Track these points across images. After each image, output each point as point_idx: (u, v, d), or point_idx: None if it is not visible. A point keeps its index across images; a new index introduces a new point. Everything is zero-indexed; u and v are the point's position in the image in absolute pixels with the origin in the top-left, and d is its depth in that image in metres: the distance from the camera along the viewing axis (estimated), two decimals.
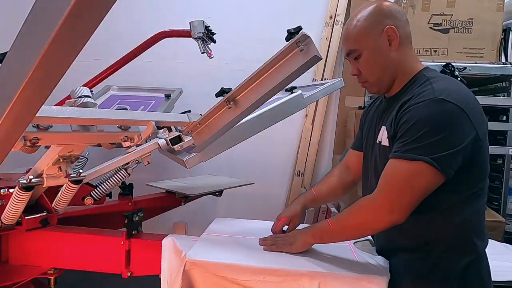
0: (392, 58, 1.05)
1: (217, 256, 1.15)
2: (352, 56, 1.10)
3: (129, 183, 2.02)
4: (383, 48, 1.04)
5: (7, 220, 1.37)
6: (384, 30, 1.03)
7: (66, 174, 1.38)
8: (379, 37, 1.04)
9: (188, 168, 1.50)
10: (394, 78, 1.08)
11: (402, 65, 1.07)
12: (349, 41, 1.08)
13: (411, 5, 2.26)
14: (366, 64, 1.08)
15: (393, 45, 1.04)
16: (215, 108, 1.26)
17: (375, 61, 1.06)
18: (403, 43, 1.06)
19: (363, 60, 1.07)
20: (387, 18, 1.04)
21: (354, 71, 1.13)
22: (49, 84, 0.58)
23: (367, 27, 1.04)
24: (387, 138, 1.05)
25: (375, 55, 1.06)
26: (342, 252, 1.24)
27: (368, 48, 1.05)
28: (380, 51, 1.05)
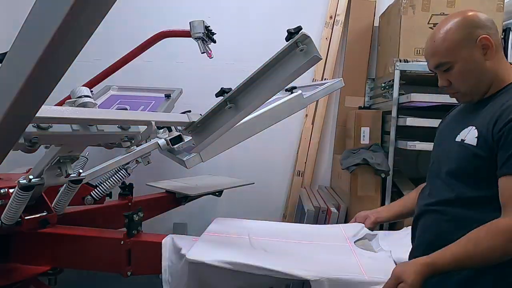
0: (487, 67, 1.05)
1: (217, 256, 1.15)
2: (442, 68, 1.08)
3: (129, 183, 2.02)
4: (477, 58, 1.04)
5: (7, 220, 1.37)
6: (477, 40, 1.03)
7: (66, 174, 1.39)
8: (472, 47, 1.03)
9: (188, 168, 1.50)
10: (490, 86, 1.08)
11: (498, 73, 1.06)
12: (439, 54, 1.07)
13: (411, 5, 2.26)
14: (460, 75, 1.06)
15: (488, 54, 1.04)
16: (215, 108, 1.26)
17: (469, 72, 1.06)
18: (497, 51, 1.06)
19: (456, 72, 1.06)
20: (479, 28, 1.03)
21: (444, 82, 1.10)
22: (49, 84, 0.58)
23: (459, 39, 1.04)
24: (475, 137, 1.03)
25: (470, 66, 1.05)
26: (343, 252, 1.24)
27: (461, 60, 1.04)
28: (475, 61, 1.04)
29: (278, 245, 1.29)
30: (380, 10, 2.81)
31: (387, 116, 2.44)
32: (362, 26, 2.87)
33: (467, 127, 1.08)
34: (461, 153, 1.07)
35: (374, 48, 2.88)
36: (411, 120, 2.15)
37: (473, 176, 1.04)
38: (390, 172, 2.24)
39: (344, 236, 1.39)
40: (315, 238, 1.36)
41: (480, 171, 1.02)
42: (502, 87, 1.07)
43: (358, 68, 2.87)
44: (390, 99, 2.33)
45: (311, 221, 2.24)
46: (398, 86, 2.24)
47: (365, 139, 2.46)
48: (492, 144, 1.00)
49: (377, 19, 2.86)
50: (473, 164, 1.04)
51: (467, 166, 1.05)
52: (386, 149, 2.34)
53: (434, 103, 2.09)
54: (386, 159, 2.26)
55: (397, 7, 2.36)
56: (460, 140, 1.08)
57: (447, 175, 1.11)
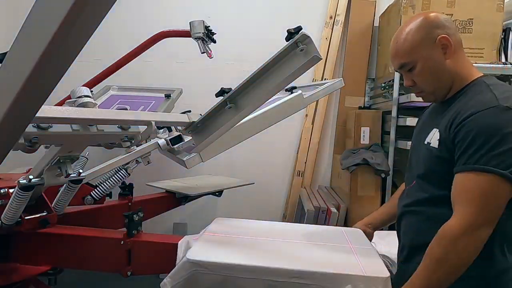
0: (447, 66, 1.07)
1: (217, 256, 1.15)
2: (405, 68, 1.11)
3: (129, 183, 2.02)
4: (437, 57, 1.06)
5: (7, 220, 1.37)
6: (436, 40, 1.05)
7: (66, 174, 1.39)
8: (432, 47, 1.05)
9: (188, 168, 1.50)
10: (451, 85, 1.10)
11: (458, 71, 1.08)
12: (401, 55, 1.09)
13: (411, 5, 2.26)
14: (422, 75, 1.09)
15: (447, 53, 1.06)
16: (215, 108, 1.26)
17: (430, 71, 1.08)
18: (457, 50, 1.07)
19: (418, 72, 1.08)
20: (437, 28, 1.06)
21: (409, 82, 1.13)
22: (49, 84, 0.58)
23: (418, 39, 1.06)
24: (437, 140, 1.06)
25: (430, 65, 1.07)
26: (343, 252, 1.24)
27: (422, 60, 1.07)
28: (435, 61, 1.06)
29: (278, 245, 1.29)
30: (380, 10, 2.81)
31: (387, 116, 2.45)
32: (362, 26, 2.87)
33: (432, 129, 1.10)
34: (427, 155, 1.10)
35: (374, 48, 2.88)
36: (411, 120, 2.15)
37: (441, 177, 1.05)
38: (390, 172, 2.24)
39: (345, 237, 1.39)
40: (316, 238, 1.36)
41: (445, 172, 1.03)
42: (463, 86, 1.09)
43: (358, 68, 2.87)
44: (390, 99, 2.33)
45: (311, 221, 2.24)
46: (398, 86, 2.24)
47: (365, 139, 2.46)
48: (450, 146, 1.01)
49: (377, 19, 2.86)
50: (438, 166, 1.06)
51: (434, 168, 1.08)
52: (386, 149, 2.34)
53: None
54: (386, 159, 2.27)
55: (397, 7, 2.36)
56: (427, 143, 1.10)
57: (419, 177, 1.14)
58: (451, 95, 1.11)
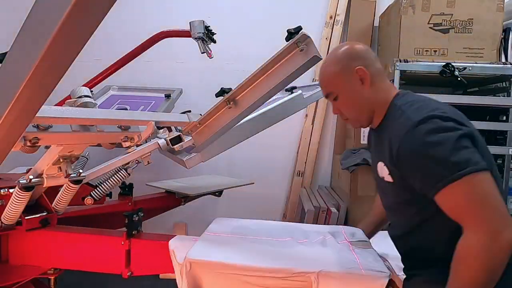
0: (366, 96, 1.10)
1: (217, 255, 1.15)
2: (330, 98, 1.15)
3: (129, 183, 2.02)
4: (356, 88, 1.09)
5: (7, 220, 1.37)
6: (354, 71, 1.08)
7: (66, 174, 1.39)
8: (350, 78, 1.09)
9: (188, 168, 1.50)
10: (373, 112, 1.13)
11: (377, 99, 1.11)
12: (324, 84, 1.15)
13: (411, 5, 2.26)
14: (344, 104, 1.13)
15: (365, 84, 1.09)
16: (215, 108, 1.26)
17: (351, 101, 1.12)
18: (375, 80, 1.10)
19: (340, 101, 1.13)
20: (354, 60, 1.09)
21: (335, 111, 1.18)
22: (49, 84, 0.58)
23: (337, 71, 1.10)
24: (388, 174, 1.06)
25: (350, 95, 1.11)
26: (343, 251, 1.24)
27: (342, 90, 1.11)
28: (354, 91, 1.10)
29: (278, 245, 1.29)
30: (380, 10, 2.81)
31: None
32: (362, 26, 2.87)
33: (378, 162, 1.12)
34: (389, 189, 1.10)
35: (374, 48, 2.88)
36: None
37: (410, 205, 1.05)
38: None
39: (345, 236, 1.39)
40: (316, 238, 1.36)
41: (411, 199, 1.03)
42: (385, 112, 1.10)
43: None
44: None
45: (311, 221, 2.24)
46: (398, 86, 2.24)
47: (365, 139, 2.46)
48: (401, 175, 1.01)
49: (377, 19, 2.86)
50: (402, 196, 1.06)
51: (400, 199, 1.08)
52: None
53: None
54: None
55: (397, 7, 2.36)
56: (381, 177, 1.11)
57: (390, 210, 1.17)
58: (379, 122, 1.12)
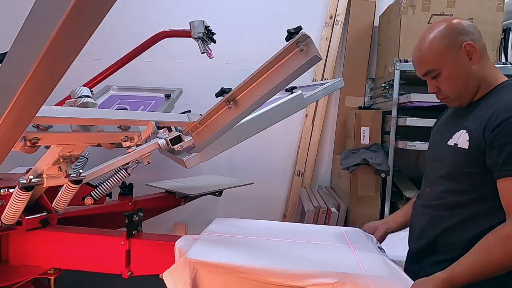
0: (473, 72, 1.07)
1: (217, 256, 1.15)
2: (430, 76, 1.11)
3: (129, 183, 2.02)
4: (463, 64, 1.07)
5: (7, 220, 1.37)
6: (462, 46, 1.05)
7: (66, 174, 1.38)
8: (458, 54, 1.06)
9: (188, 168, 1.50)
10: (477, 90, 1.10)
11: (484, 76, 1.09)
12: (426, 62, 1.10)
13: (411, 5, 2.26)
14: (448, 81, 1.09)
15: (473, 59, 1.06)
16: (215, 108, 1.26)
17: (456, 78, 1.08)
18: (482, 56, 1.08)
19: (443, 79, 1.09)
20: (462, 35, 1.06)
21: (433, 89, 1.14)
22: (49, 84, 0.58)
23: (444, 47, 1.06)
24: (467, 141, 1.05)
25: (456, 72, 1.07)
26: (343, 251, 1.24)
27: (448, 67, 1.07)
28: (461, 67, 1.07)
29: (278, 245, 1.29)
30: (380, 10, 2.81)
31: (387, 116, 2.45)
32: (362, 26, 2.87)
33: (458, 130, 1.10)
34: (454, 156, 1.09)
35: (374, 48, 2.88)
36: (411, 120, 2.15)
37: (467, 179, 1.05)
38: (390, 172, 2.24)
39: (345, 236, 1.39)
40: (316, 238, 1.36)
41: (473, 173, 1.03)
42: (489, 90, 1.09)
43: (358, 68, 2.87)
44: (390, 99, 2.33)
45: (311, 221, 2.24)
46: (398, 86, 2.24)
47: (365, 139, 2.46)
48: (484, 147, 1.01)
49: (377, 19, 2.86)
50: (466, 166, 1.05)
51: (461, 169, 1.07)
52: (386, 149, 2.34)
53: (434, 103, 2.09)
54: (386, 159, 2.26)
55: (397, 7, 2.36)
56: (453, 144, 1.09)
57: (441, 178, 1.13)
58: (477, 99, 1.10)
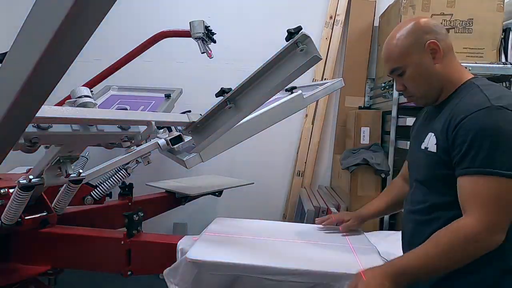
0: (437, 71, 1.08)
1: (217, 255, 1.15)
2: (396, 73, 1.12)
3: (129, 183, 2.02)
4: (427, 62, 1.07)
5: (7, 220, 1.37)
6: (425, 45, 1.06)
7: (66, 174, 1.39)
8: (421, 52, 1.07)
9: (188, 168, 1.50)
10: (441, 89, 1.10)
11: (448, 75, 1.09)
12: (392, 59, 1.11)
13: (411, 5, 2.26)
14: (412, 79, 1.10)
15: (436, 58, 1.07)
16: (215, 108, 1.26)
17: (420, 76, 1.09)
18: (446, 55, 1.08)
19: (408, 77, 1.10)
20: (426, 33, 1.07)
21: (400, 87, 1.15)
22: (49, 84, 0.58)
23: (408, 45, 1.07)
24: (435, 144, 1.05)
25: (419, 70, 1.08)
26: (342, 251, 1.24)
27: (412, 65, 1.08)
28: (425, 65, 1.07)
29: (278, 245, 1.29)
30: (380, 10, 2.81)
31: (387, 116, 2.45)
32: (362, 26, 2.87)
33: (428, 133, 1.10)
34: (426, 160, 1.09)
35: (374, 48, 2.88)
36: (411, 120, 2.15)
37: (441, 182, 1.05)
38: (390, 172, 2.24)
39: (345, 236, 1.39)
40: (315, 238, 1.36)
41: (446, 175, 1.02)
42: (455, 89, 1.09)
43: (358, 68, 2.87)
44: (390, 99, 2.33)
45: (311, 221, 2.23)
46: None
47: (365, 139, 2.46)
48: (448, 148, 1.01)
49: (377, 19, 2.86)
50: (437, 170, 1.05)
51: (433, 173, 1.07)
52: (386, 149, 2.34)
53: None
54: (386, 159, 2.27)
55: (397, 7, 2.36)
56: (424, 147, 1.10)
57: (418, 182, 1.14)
58: (443, 99, 1.11)
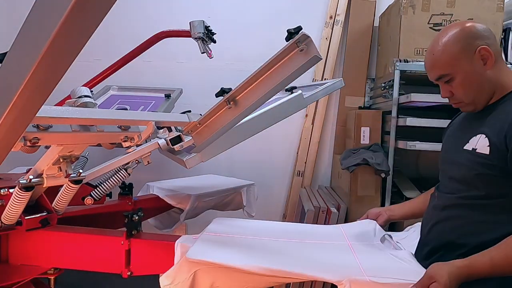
0: (488, 77, 1.06)
1: (216, 255, 1.15)
2: (443, 80, 1.10)
3: (129, 183, 2.02)
4: (478, 69, 1.05)
5: (7, 220, 1.37)
6: (476, 51, 1.04)
7: (66, 174, 1.38)
8: (472, 58, 1.04)
9: (188, 168, 1.50)
10: (492, 95, 1.08)
11: (500, 81, 1.07)
12: (439, 66, 1.09)
13: (411, 5, 2.26)
14: (461, 87, 1.08)
15: (488, 64, 1.05)
16: (215, 108, 1.26)
17: (470, 83, 1.07)
18: (497, 60, 1.06)
19: (457, 83, 1.07)
20: (476, 39, 1.05)
21: (446, 93, 1.12)
22: (49, 84, 0.58)
23: (458, 51, 1.05)
24: (487, 146, 1.03)
25: (470, 77, 1.06)
26: (343, 251, 1.24)
27: (461, 71, 1.06)
28: (476, 72, 1.05)
29: (278, 245, 1.29)
30: (380, 10, 2.81)
31: (387, 116, 2.45)
32: (362, 26, 2.87)
33: (475, 135, 1.08)
34: (473, 161, 1.07)
35: (374, 48, 2.88)
36: (411, 120, 2.15)
37: (484, 183, 1.04)
38: (390, 172, 2.24)
39: (344, 235, 1.39)
40: (315, 238, 1.36)
41: (491, 177, 1.02)
42: (505, 94, 1.07)
43: (358, 68, 2.87)
44: (390, 99, 2.33)
45: (311, 221, 2.24)
46: (398, 86, 2.24)
47: (365, 139, 2.46)
48: (505, 152, 1.00)
49: (377, 19, 2.86)
50: (486, 171, 1.04)
51: (480, 174, 1.05)
52: (386, 149, 2.34)
53: (434, 103, 2.09)
54: (386, 159, 2.27)
55: (397, 7, 2.36)
56: (471, 149, 1.08)
57: (458, 182, 1.12)
58: (492, 103, 1.10)
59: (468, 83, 1.06)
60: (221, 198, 2.24)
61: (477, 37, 1.05)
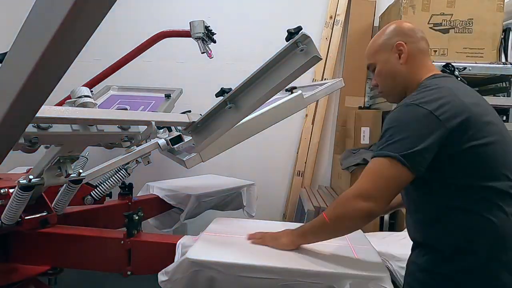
0: (402, 71, 1.16)
1: (216, 255, 1.15)
2: (370, 69, 1.23)
3: (129, 183, 2.02)
4: (393, 61, 1.16)
5: (7, 220, 1.37)
6: (394, 45, 1.16)
7: (66, 174, 1.39)
8: (390, 52, 1.17)
9: (188, 168, 1.50)
10: (405, 88, 1.17)
11: (411, 77, 1.16)
12: (367, 56, 1.23)
13: (411, 5, 2.26)
14: (379, 75, 1.20)
15: (402, 58, 1.15)
16: (215, 108, 1.26)
17: (386, 73, 1.19)
18: (414, 58, 1.16)
19: (377, 72, 1.20)
20: (398, 35, 1.17)
21: (373, 81, 1.26)
22: (49, 84, 0.58)
23: (380, 44, 1.19)
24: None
25: (386, 67, 1.18)
26: (342, 250, 1.24)
27: (380, 62, 1.19)
28: (391, 63, 1.17)
29: None
30: (380, 10, 2.81)
31: (387, 116, 2.44)
32: (362, 26, 2.87)
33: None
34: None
35: None
36: None
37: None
38: None
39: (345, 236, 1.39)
40: None
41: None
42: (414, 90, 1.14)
43: (358, 68, 2.87)
44: None
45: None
46: None
47: (365, 139, 2.46)
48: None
49: (377, 19, 2.86)
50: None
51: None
52: None
53: None
54: None
55: (397, 7, 2.36)
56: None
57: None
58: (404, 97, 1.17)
59: (384, 73, 1.19)
60: (221, 198, 2.24)
61: (399, 35, 1.16)
